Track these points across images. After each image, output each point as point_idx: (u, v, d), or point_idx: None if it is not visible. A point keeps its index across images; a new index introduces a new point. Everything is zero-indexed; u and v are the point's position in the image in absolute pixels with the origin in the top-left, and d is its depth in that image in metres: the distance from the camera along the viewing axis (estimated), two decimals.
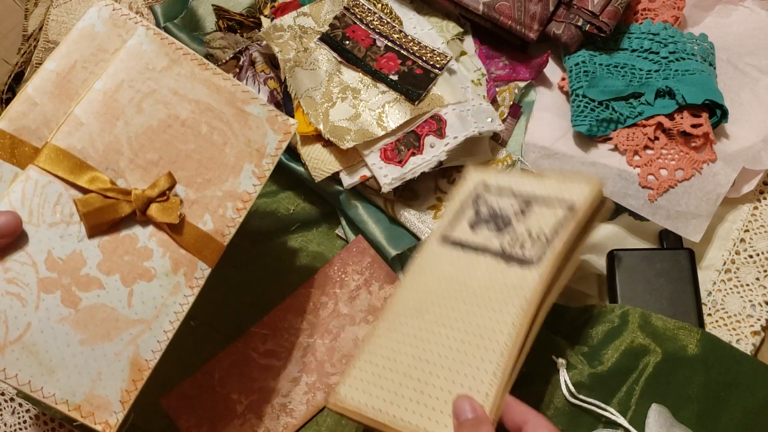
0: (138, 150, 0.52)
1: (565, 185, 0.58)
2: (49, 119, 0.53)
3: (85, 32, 0.56)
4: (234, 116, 0.54)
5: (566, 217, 0.56)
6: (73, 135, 0.51)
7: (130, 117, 0.52)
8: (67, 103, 0.54)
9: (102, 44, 0.56)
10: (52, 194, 0.49)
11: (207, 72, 0.55)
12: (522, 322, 0.52)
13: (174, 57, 0.55)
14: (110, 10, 0.57)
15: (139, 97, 0.53)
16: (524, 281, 0.54)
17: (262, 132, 0.55)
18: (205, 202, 0.53)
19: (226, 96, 0.55)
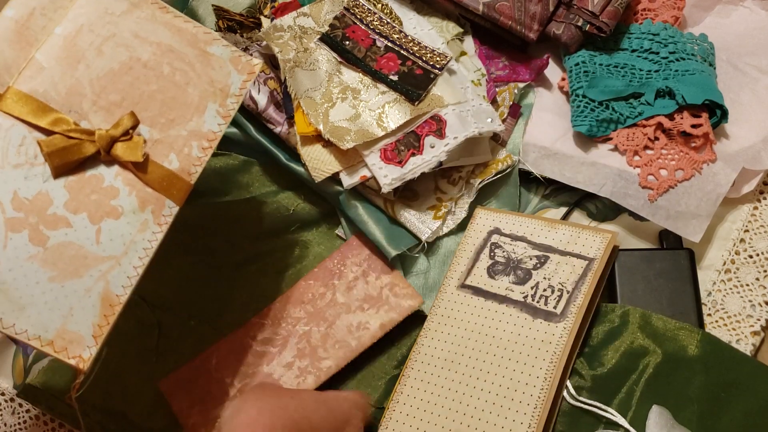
0: (100, 92, 0.52)
1: (579, 238, 0.62)
2: (10, 65, 0.53)
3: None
4: (196, 57, 0.55)
5: (585, 271, 0.59)
6: (35, 79, 0.52)
7: (91, 60, 0.53)
8: (27, 49, 0.54)
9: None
10: (15, 137, 0.50)
11: (168, 15, 0.55)
12: (554, 375, 0.55)
13: (134, 1, 0.55)
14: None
15: (100, 41, 0.53)
16: (552, 336, 0.58)
17: (226, 72, 0.55)
18: (169, 141, 0.53)
19: (188, 37, 0.55)
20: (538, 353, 0.58)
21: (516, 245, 0.65)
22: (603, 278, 0.61)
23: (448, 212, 0.69)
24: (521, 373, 0.57)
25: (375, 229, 0.67)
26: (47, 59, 0.52)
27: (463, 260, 0.66)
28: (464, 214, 0.69)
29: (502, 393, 0.57)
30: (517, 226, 0.66)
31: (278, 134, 0.71)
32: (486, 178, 0.69)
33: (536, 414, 0.55)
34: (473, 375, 0.58)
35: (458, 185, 0.70)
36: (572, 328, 0.58)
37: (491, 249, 0.66)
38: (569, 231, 0.64)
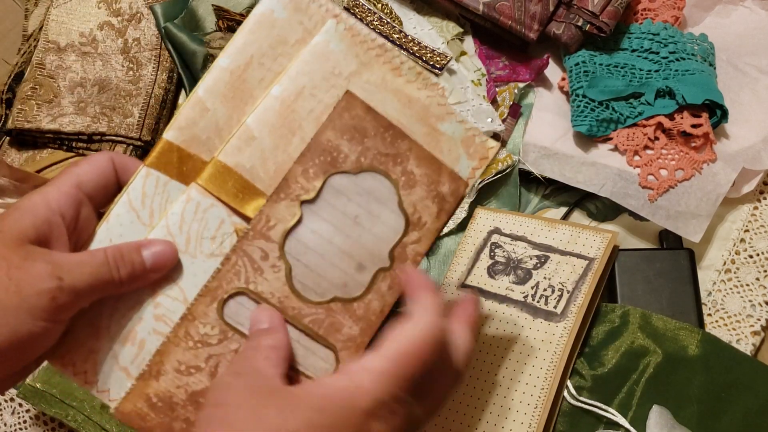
0: None
1: (580, 238, 0.62)
2: (222, 128, 0.45)
3: (263, 19, 0.46)
4: (424, 137, 0.45)
5: (585, 271, 0.59)
6: (243, 151, 0.44)
7: (308, 132, 0.44)
8: (241, 107, 0.46)
9: (282, 34, 0.47)
10: (213, 220, 0.43)
11: (400, 79, 0.46)
12: (554, 375, 0.55)
13: (365, 59, 0.45)
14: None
15: (321, 109, 0.44)
16: (552, 336, 0.58)
17: (454, 156, 0.45)
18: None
19: (419, 110, 0.45)
20: (539, 353, 0.57)
21: (516, 245, 0.65)
22: (603, 278, 0.61)
23: None
24: (521, 373, 0.57)
25: None
26: (259, 127, 0.44)
27: (463, 260, 0.66)
28: (464, 214, 0.69)
29: (502, 393, 0.57)
30: (517, 226, 0.66)
31: None
32: (486, 178, 0.69)
33: (537, 414, 0.55)
34: (473, 375, 0.58)
35: None
36: (573, 327, 0.58)
37: (491, 249, 0.66)
38: (569, 231, 0.64)
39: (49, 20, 0.84)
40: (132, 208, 0.43)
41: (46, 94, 0.80)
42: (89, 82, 0.80)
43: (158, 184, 0.44)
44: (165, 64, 0.81)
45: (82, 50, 0.82)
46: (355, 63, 0.45)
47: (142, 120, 0.78)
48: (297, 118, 0.44)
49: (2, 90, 0.84)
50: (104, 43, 0.83)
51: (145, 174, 0.43)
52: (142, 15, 0.84)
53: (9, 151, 0.79)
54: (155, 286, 0.41)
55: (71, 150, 0.77)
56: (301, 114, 0.44)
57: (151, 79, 0.80)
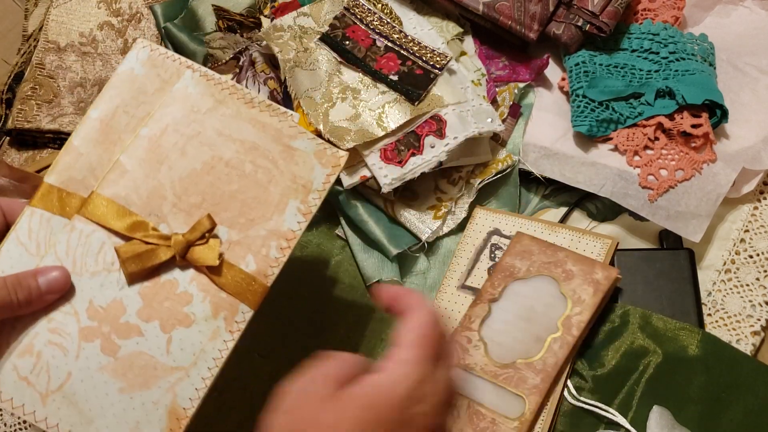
0: (181, 194, 0.51)
1: (580, 243, 0.66)
2: (95, 167, 0.53)
3: (125, 76, 0.56)
4: (280, 153, 0.52)
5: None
6: (118, 183, 0.51)
7: (174, 161, 0.52)
8: (111, 149, 0.54)
9: (142, 86, 0.56)
10: (95, 243, 0.50)
11: (254, 110, 0.53)
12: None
13: (220, 97, 0.54)
14: (148, 51, 0.57)
15: (184, 141, 0.52)
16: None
17: (309, 166, 0.53)
18: (248, 242, 0.50)
19: (272, 133, 0.53)
20: None
21: None
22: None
23: (448, 212, 0.69)
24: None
25: (375, 229, 0.67)
26: (130, 161, 0.52)
27: (463, 260, 0.66)
28: (464, 214, 0.69)
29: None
30: (517, 228, 0.66)
31: None
32: (486, 178, 0.69)
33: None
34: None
35: (458, 185, 0.70)
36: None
37: (492, 250, 0.66)
38: (569, 235, 0.64)
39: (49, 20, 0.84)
40: (20, 242, 0.51)
41: (46, 94, 0.80)
42: (89, 82, 0.80)
43: (42, 220, 0.52)
44: None
45: (82, 50, 0.82)
46: (211, 101, 0.53)
47: None
48: (163, 151, 0.52)
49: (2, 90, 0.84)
50: (104, 43, 0.83)
51: (30, 213, 0.52)
52: (142, 15, 0.84)
53: (9, 151, 0.79)
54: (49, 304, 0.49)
55: None
56: (167, 147, 0.52)
57: None
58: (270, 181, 0.52)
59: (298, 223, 0.51)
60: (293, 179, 0.52)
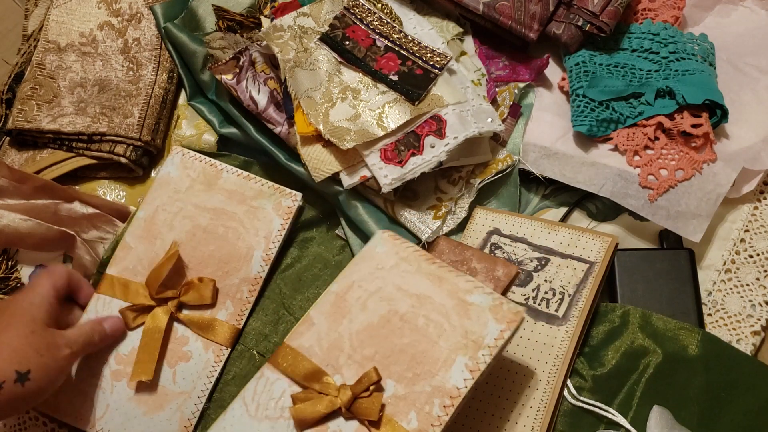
0: (357, 346, 0.53)
1: (580, 241, 0.62)
2: (142, 258, 0.66)
3: (162, 180, 0.70)
4: (454, 307, 0.52)
5: (586, 275, 0.60)
6: (305, 335, 0.55)
7: (355, 315, 0.54)
8: (152, 241, 0.67)
9: (176, 186, 0.69)
10: (278, 390, 0.55)
11: (433, 266, 0.55)
12: (557, 379, 0.55)
13: (403, 255, 0.56)
14: (181, 155, 0.71)
15: (366, 296, 0.55)
16: (554, 339, 0.59)
17: (483, 322, 0.51)
18: (412, 398, 0.50)
19: (449, 288, 0.53)
20: (541, 356, 0.58)
21: (516, 246, 0.65)
22: (602, 281, 0.61)
23: (448, 212, 0.69)
24: (523, 376, 0.57)
25: (375, 229, 0.67)
26: (318, 316, 0.56)
27: None
28: (464, 214, 0.69)
29: (504, 395, 0.57)
30: (517, 227, 0.66)
31: (278, 134, 0.71)
32: (486, 178, 0.69)
33: (539, 417, 0.55)
34: None
35: (458, 185, 0.70)
36: (574, 331, 0.58)
37: (491, 250, 0.66)
38: (569, 234, 0.64)
39: (49, 20, 0.84)
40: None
41: (46, 94, 0.80)
42: (89, 83, 0.80)
43: (105, 303, 0.65)
44: (165, 64, 0.81)
45: (82, 50, 0.82)
46: (395, 258, 0.56)
47: (142, 120, 0.78)
48: (347, 305, 0.55)
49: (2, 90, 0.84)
50: (104, 43, 0.83)
51: (96, 298, 0.66)
52: (142, 15, 0.84)
53: (9, 152, 0.79)
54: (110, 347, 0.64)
55: (71, 150, 0.77)
56: (350, 302, 0.55)
57: (151, 79, 0.80)
58: (440, 335, 0.51)
59: (464, 380, 0.49)
60: (464, 334, 0.51)
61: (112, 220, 0.73)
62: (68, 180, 0.77)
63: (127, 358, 0.63)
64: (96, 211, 0.72)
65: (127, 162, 0.76)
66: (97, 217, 0.72)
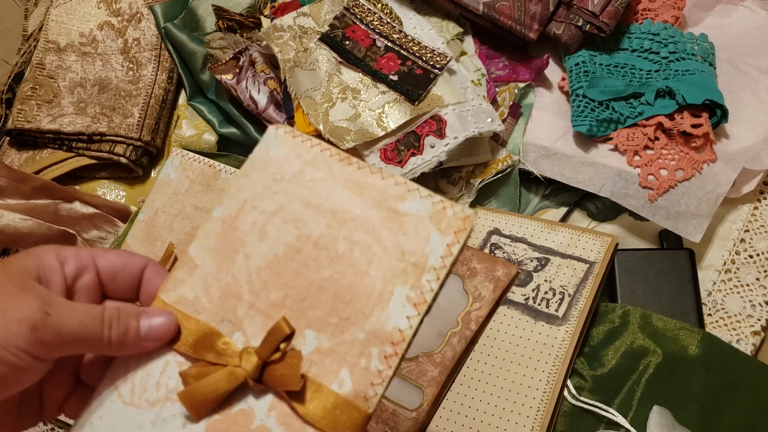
0: (260, 290, 0.40)
1: (580, 241, 0.62)
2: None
3: (162, 182, 0.68)
4: (383, 221, 0.40)
5: (586, 275, 0.59)
6: (186, 283, 0.41)
7: (252, 247, 0.41)
8: (152, 243, 0.65)
9: (175, 188, 0.68)
10: (156, 366, 0.40)
11: (349, 168, 0.42)
12: (557, 379, 0.55)
13: (308, 157, 0.42)
14: (180, 157, 0.68)
15: (264, 219, 0.42)
16: (554, 339, 0.58)
17: (423, 236, 0.39)
18: (342, 351, 0.38)
19: (373, 195, 0.41)
20: (541, 356, 0.58)
21: (516, 246, 0.65)
22: (602, 281, 0.61)
23: None
24: (523, 376, 0.57)
25: None
26: (200, 253, 0.42)
27: None
28: None
29: (504, 396, 0.57)
30: (517, 227, 0.66)
31: None
32: (486, 178, 0.69)
33: (539, 417, 0.55)
34: (474, 377, 0.58)
35: (458, 185, 0.70)
36: (574, 331, 0.58)
37: (491, 250, 0.66)
38: (569, 234, 0.64)
39: (49, 20, 0.84)
40: None
41: (46, 94, 0.80)
42: (89, 83, 0.80)
43: None
44: (165, 64, 0.81)
45: (82, 50, 0.82)
46: (298, 162, 0.42)
47: (142, 120, 0.78)
48: (239, 236, 0.41)
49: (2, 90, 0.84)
50: (104, 43, 0.83)
51: None
52: (142, 15, 0.84)
53: (9, 152, 0.79)
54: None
55: (71, 150, 0.77)
56: (243, 230, 0.41)
57: (151, 79, 0.80)
58: (370, 262, 0.40)
59: (408, 318, 0.38)
60: (400, 256, 0.39)
61: (112, 219, 0.73)
62: (68, 180, 0.77)
63: None
64: (96, 210, 0.72)
65: (127, 162, 0.76)
66: (97, 216, 0.72)
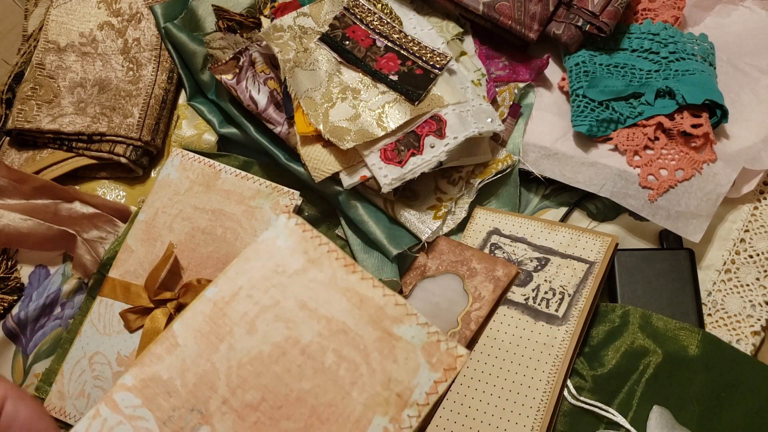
0: (237, 387, 0.39)
1: (580, 241, 0.62)
2: (143, 260, 0.66)
3: (162, 182, 0.69)
4: (374, 342, 0.39)
5: (586, 275, 0.59)
6: (163, 360, 0.40)
7: (238, 339, 0.40)
8: (153, 243, 0.67)
9: (176, 189, 0.69)
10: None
11: (353, 276, 0.41)
12: (557, 379, 0.55)
13: (313, 256, 0.42)
14: (180, 157, 0.71)
15: (256, 312, 0.41)
16: (554, 339, 0.58)
17: (412, 366, 0.39)
18: None
19: (371, 311, 0.40)
20: (541, 356, 0.58)
21: (516, 246, 0.65)
22: (602, 281, 0.61)
23: (448, 212, 0.69)
24: (524, 376, 0.57)
25: (375, 229, 0.67)
26: (185, 333, 0.41)
27: None
28: (464, 214, 0.69)
29: (504, 395, 0.57)
30: (517, 227, 0.66)
31: (278, 134, 0.71)
32: (486, 178, 0.69)
33: (539, 417, 0.55)
34: (475, 377, 0.58)
35: (458, 185, 0.70)
36: (574, 331, 0.58)
37: (491, 249, 0.66)
38: (569, 233, 0.64)
39: (49, 20, 0.84)
40: (92, 324, 0.65)
41: (46, 94, 0.80)
42: (89, 83, 0.80)
43: (107, 305, 0.65)
44: (165, 64, 0.81)
45: (82, 50, 0.82)
46: (302, 259, 0.42)
47: (142, 120, 0.78)
48: (228, 322, 0.41)
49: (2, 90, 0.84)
50: (104, 43, 0.83)
51: (99, 300, 0.66)
52: (142, 15, 0.84)
53: (9, 152, 0.79)
54: None
55: (71, 150, 0.77)
56: (233, 318, 0.41)
57: (151, 79, 0.80)
58: (354, 383, 0.39)
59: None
60: (386, 384, 0.38)
61: (112, 219, 0.73)
62: (68, 180, 0.77)
63: (128, 359, 0.63)
64: (96, 210, 0.72)
65: (127, 162, 0.76)
66: (97, 216, 0.72)
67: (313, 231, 0.43)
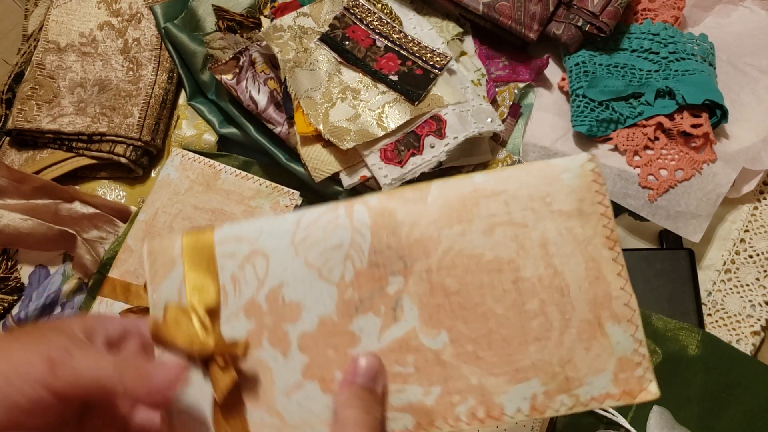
0: (445, 267, 0.39)
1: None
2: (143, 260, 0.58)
3: (162, 182, 0.70)
4: (581, 322, 0.38)
5: None
6: (407, 203, 0.40)
7: (473, 231, 0.39)
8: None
9: (176, 188, 0.70)
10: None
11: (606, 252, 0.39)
12: None
13: (585, 208, 0.39)
14: (180, 157, 0.71)
15: (502, 220, 0.39)
16: None
17: (597, 366, 0.37)
18: (447, 374, 0.37)
19: (598, 294, 0.39)
20: None
21: None
22: None
23: None
24: None
25: None
26: (434, 198, 0.39)
27: None
28: None
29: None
30: None
31: (278, 134, 0.71)
32: None
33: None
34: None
35: None
36: None
37: None
38: None
39: (49, 20, 0.84)
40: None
41: (46, 94, 0.80)
42: (89, 83, 0.80)
43: (107, 306, 0.65)
44: (165, 64, 0.81)
45: (82, 50, 0.82)
46: (573, 204, 0.39)
47: (142, 120, 0.78)
48: (474, 212, 0.39)
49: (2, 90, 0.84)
50: (104, 43, 0.83)
51: (99, 301, 0.66)
52: (142, 15, 0.84)
53: (9, 152, 0.79)
54: None
55: (71, 150, 0.77)
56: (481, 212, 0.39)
57: (151, 79, 0.80)
58: (538, 340, 0.37)
59: (518, 410, 0.38)
60: (564, 362, 0.37)
61: (112, 219, 0.73)
62: (68, 180, 0.77)
63: None
64: (96, 210, 0.72)
65: (127, 162, 0.76)
66: (97, 216, 0.72)
67: (601, 186, 0.39)
